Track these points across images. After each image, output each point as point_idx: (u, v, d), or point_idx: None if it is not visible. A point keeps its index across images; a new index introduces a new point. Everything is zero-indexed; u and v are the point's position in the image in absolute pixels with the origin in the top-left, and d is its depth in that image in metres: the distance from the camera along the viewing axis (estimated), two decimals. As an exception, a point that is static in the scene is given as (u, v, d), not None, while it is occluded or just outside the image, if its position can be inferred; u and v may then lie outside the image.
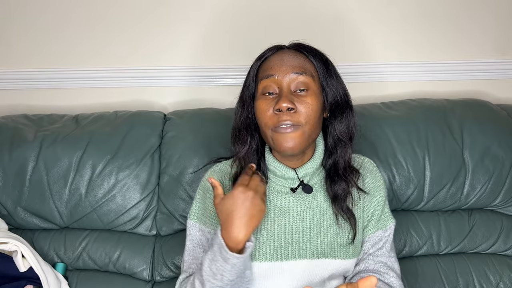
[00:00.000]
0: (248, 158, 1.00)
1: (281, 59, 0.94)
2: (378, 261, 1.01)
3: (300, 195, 0.99)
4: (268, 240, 0.97)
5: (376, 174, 1.05)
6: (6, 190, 1.25)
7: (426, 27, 1.52)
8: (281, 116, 0.90)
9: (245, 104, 0.99)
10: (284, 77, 0.92)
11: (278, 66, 0.94)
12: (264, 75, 0.94)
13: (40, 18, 1.49)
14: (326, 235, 0.98)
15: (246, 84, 0.99)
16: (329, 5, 1.49)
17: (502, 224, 1.31)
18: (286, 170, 0.98)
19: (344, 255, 0.98)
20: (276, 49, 0.98)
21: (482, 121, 1.32)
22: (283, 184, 1.00)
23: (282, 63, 0.94)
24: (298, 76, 0.92)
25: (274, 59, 0.95)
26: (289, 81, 0.92)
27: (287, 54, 0.96)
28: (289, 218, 0.99)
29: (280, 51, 0.97)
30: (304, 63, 0.94)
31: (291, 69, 0.93)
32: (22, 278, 1.11)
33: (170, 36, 1.51)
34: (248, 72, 0.99)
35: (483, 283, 1.25)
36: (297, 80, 0.92)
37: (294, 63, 0.93)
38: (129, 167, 1.27)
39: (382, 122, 1.31)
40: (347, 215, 0.99)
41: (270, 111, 0.92)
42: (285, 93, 0.91)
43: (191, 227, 1.01)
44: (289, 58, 0.94)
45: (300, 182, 0.99)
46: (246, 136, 1.00)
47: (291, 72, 0.92)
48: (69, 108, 1.50)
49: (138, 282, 1.25)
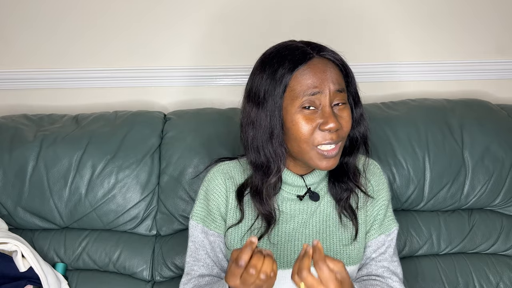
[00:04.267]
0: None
1: (321, 73, 0.89)
2: (381, 265, 1.00)
3: (306, 202, 0.99)
4: (271, 247, 0.96)
5: (380, 177, 1.04)
6: (6, 190, 1.25)
7: (426, 27, 1.52)
8: (326, 135, 0.88)
9: (272, 116, 0.91)
10: (327, 95, 0.89)
11: (321, 82, 0.89)
12: (307, 91, 0.88)
13: (40, 18, 1.49)
14: (329, 241, 0.97)
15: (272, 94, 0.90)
16: (330, 5, 1.49)
17: (502, 224, 1.31)
18: (294, 177, 0.97)
19: (347, 262, 0.97)
20: (303, 56, 0.90)
21: (482, 121, 1.32)
22: (289, 191, 0.98)
23: (323, 77, 0.89)
24: (339, 94, 0.90)
25: (314, 73, 0.89)
26: (332, 98, 0.89)
27: (322, 66, 0.90)
28: (293, 225, 0.98)
29: (314, 62, 0.90)
30: (340, 77, 0.92)
31: (333, 85, 0.89)
32: (22, 278, 1.11)
33: (170, 36, 1.51)
34: (271, 80, 0.91)
35: (483, 283, 1.25)
36: (337, 97, 0.90)
37: (334, 79, 0.90)
38: (129, 167, 1.27)
39: (382, 122, 1.31)
40: (350, 214, 0.98)
41: (312, 127, 0.88)
42: (330, 112, 0.88)
43: (194, 228, 1.01)
44: (329, 72, 0.90)
45: (308, 189, 0.98)
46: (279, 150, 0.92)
47: (334, 90, 0.89)
48: (69, 108, 1.50)
49: (138, 282, 1.25)
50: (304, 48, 0.91)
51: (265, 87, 0.91)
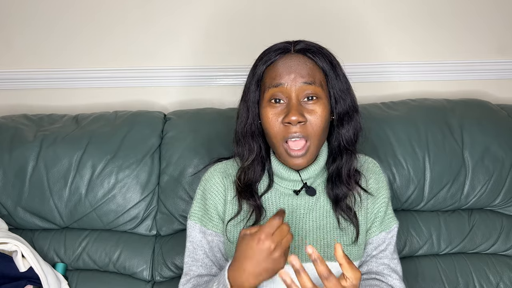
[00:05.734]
0: (254, 165, 0.98)
1: (289, 67, 0.90)
2: (381, 263, 1.00)
3: (303, 197, 0.99)
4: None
5: (379, 175, 1.04)
6: (6, 190, 1.25)
7: (426, 27, 1.52)
8: (290, 128, 0.88)
9: (249, 109, 0.95)
10: (293, 86, 0.89)
11: (287, 74, 0.90)
12: (272, 83, 0.90)
13: (40, 17, 1.49)
14: (328, 238, 0.97)
15: (250, 88, 0.95)
16: (331, 4, 1.49)
17: (502, 224, 1.31)
18: (290, 172, 0.97)
19: None
20: (282, 52, 0.93)
21: (482, 121, 1.32)
22: (286, 186, 0.99)
23: (290, 70, 0.90)
24: (308, 86, 0.89)
25: (282, 65, 0.91)
26: (298, 91, 0.89)
27: (295, 60, 0.91)
28: (291, 220, 0.98)
29: (287, 56, 0.92)
30: (313, 71, 0.91)
31: (300, 78, 0.89)
32: (22, 278, 1.11)
33: (171, 36, 1.51)
34: (252, 74, 0.96)
35: (483, 283, 1.25)
36: (307, 90, 0.89)
37: (303, 72, 0.90)
38: (129, 167, 1.27)
39: (382, 122, 1.31)
40: (349, 216, 0.98)
41: (278, 121, 0.90)
42: (295, 105, 0.88)
43: (191, 228, 1.01)
44: (298, 65, 0.90)
45: (304, 184, 0.98)
46: (252, 143, 0.97)
47: (301, 82, 0.89)
48: (69, 108, 1.50)
49: (138, 282, 1.25)
50: (286, 45, 0.94)
51: (248, 82, 0.96)
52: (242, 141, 0.98)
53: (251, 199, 0.97)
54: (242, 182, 0.98)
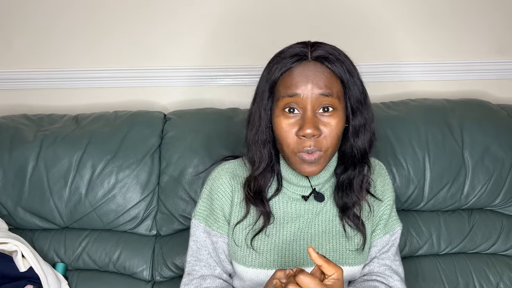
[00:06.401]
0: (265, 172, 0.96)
1: (306, 76, 0.86)
2: (383, 264, 1.00)
3: (311, 202, 0.98)
4: (276, 247, 0.96)
5: (385, 177, 1.04)
6: (6, 190, 1.25)
7: (426, 27, 1.52)
8: (305, 142, 0.86)
9: (261, 115, 0.91)
10: (309, 98, 0.85)
11: (303, 84, 0.86)
12: (287, 92, 0.86)
13: (40, 18, 1.49)
14: (335, 242, 0.97)
15: (264, 93, 0.91)
16: (331, 5, 1.49)
17: (502, 224, 1.31)
18: (299, 178, 0.96)
19: (352, 262, 0.97)
20: (299, 58, 0.88)
21: (482, 121, 1.32)
22: (294, 191, 0.98)
23: (307, 80, 0.86)
24: (325, 98, 0.85)
25: (298, 74, 0.87)
26: (314, 103, 0.85)
27: (312, 69, 0.87)
28: (298, 224, 0.97)
29: (304, 64, 0.88)
30: (331, 82, 0.87)
31: (317, 89, 0.85)
32: (22, 278, 1.11)
33: (171, 36, 1.51)
34: (266, 78, 0.91)
35: (483, 283, 1.25)
36: (323, 102, 0.86)
37: (320, 83, 0.86)
38: (129, 167, 1.27)
39: (382, 122, 1.31)
40: (356, 224, 0.97)
41: (292, 132, 0.87)
42: (310, 117, 0.85)
43: (196, 227, 1.00)
44: (315, 75, 0.86)
45: (313, 190, 0.97)
46: (263, 151, 0.93)
47: (317, 93, 0.85)
48: (69, 108, 1.50)
49: (138, 282, 1.25)
50: (303, 51, 0.89)
51: (261, 85, 0.92)
52: (253, 148, 0.94)
53: (260, 205, 0.96)
54: (252, 190, 0.96)
